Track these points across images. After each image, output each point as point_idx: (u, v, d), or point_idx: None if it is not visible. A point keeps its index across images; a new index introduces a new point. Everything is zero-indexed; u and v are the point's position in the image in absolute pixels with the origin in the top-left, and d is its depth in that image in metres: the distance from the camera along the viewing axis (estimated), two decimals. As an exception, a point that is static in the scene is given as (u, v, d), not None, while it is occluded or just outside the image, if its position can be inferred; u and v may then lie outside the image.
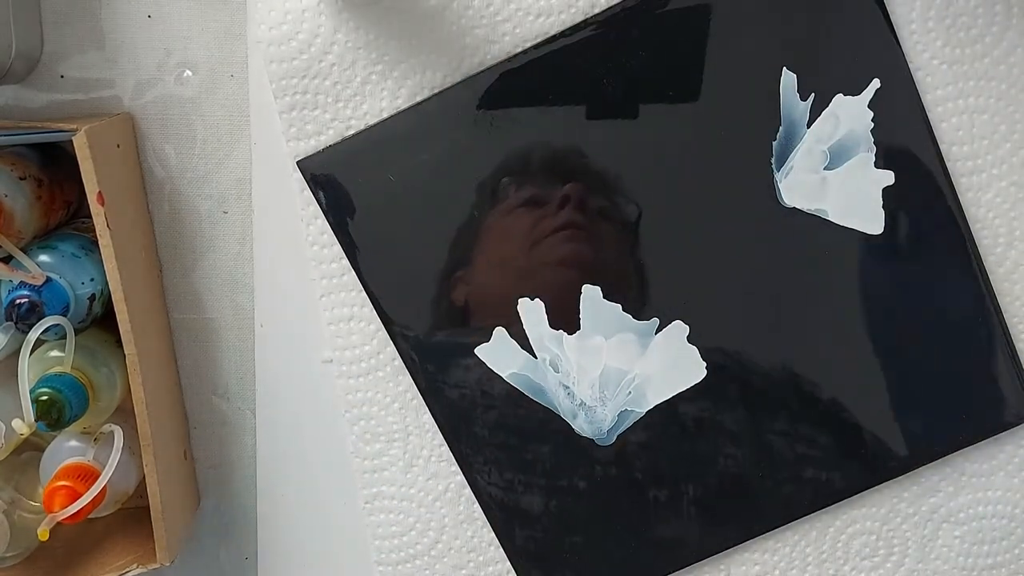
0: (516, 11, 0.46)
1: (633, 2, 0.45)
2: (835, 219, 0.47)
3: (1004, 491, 0.50)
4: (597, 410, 0.49)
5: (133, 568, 0.46)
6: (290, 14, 0.46)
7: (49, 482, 0.45)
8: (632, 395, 0.49)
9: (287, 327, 0.51)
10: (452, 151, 0.47)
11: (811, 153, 0.46)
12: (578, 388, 0.49)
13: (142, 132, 0.50)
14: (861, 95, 0.46)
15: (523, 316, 0.48)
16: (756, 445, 0.49)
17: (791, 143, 0.46)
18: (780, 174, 0.47)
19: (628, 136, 0.46)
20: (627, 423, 0.49)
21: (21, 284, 0.44)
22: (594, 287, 0.48)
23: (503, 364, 0.49)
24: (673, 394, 0.49)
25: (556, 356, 0.48)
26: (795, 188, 0.47)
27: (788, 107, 0.46)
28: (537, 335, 0.48)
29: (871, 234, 0.47)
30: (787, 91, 0.46)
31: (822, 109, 0.46)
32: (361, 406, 0.50)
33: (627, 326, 0.48)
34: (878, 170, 0.47)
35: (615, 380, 0.49)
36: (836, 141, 0.46)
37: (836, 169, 0.47)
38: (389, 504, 0.51)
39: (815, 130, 0.46)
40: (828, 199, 0.47)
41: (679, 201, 0.47)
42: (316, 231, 0.49)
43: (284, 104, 0.47)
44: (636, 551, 0.51)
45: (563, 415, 0.49)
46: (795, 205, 0.47)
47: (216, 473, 0.54)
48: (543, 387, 0.49)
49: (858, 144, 0.46)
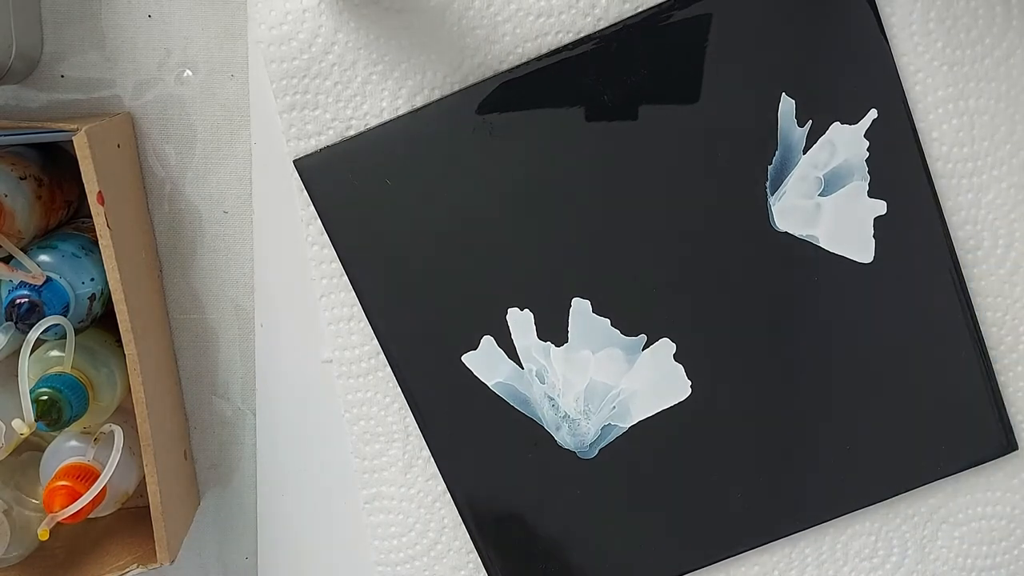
0: (516, 11, 0.46)
1: (636, 19, 0.45)
2: (826, 245, 0.47)
3: (1004, 492, 0.50)
4: (581, 423, 0.49)
5: (133, 568, 0.46)
6: (290, 14, 0.46)
7: (49, 482, 0.45)
8: (616, 410, 0.49)
9: (287, 327, 0.51)
10: (450, 158, 0.47)
11: (806, 179, 0.47)
12: (563, 400, 0.49)
13: (142, 132, 0.50)
14: (858, 124, 0.46)
15: (512, 326, 0.48)
16: (737, 465, 0.49)
17: (786, 168, 0.47)
18: (774, 198, 0.47)
19: (626, 151, 0.46)
20: (610, 437, 0.49)
21: (21, 284, 0.44)
22: (584, 300, 0.48)
23: (489, 372, 0.49)
24: (657, 411, 0.49)
25: (543, 367, 0.48)
26: (788, 213, 0.47)
27: (785, 132, 0.46)
28: (525, 345, 0.48)
29: (860, 262, 0.47)
30: (785, 117, 0.46)
31: (819, 136, 0.46)
32: (361, 406, 0.50)
33: (615, 341, 0.48)
34: (871, 199, 0.47)
35: (600, 394, 0.49)
36: (831, 169, 0.47)
37: (829, 196, 0.47)
38: (388, 504, 0.51)
39: (811, 156, 0.46)
40: (820, 225, 0.47)
41: (673, 219, 0.47)
42: (316, 231, 0.49)
43: (284, 104, 0.47)
44: (614, 565, 0.50)
45: (547, 427, 0.49)
46: (787, 229, 0.47)
47: (216, 473, 0.54)
48: (528, 398, 0.49)
49: (852, 172, 0.47)
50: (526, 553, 0.50)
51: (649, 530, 0.50)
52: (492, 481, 0.50)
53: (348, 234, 0.48)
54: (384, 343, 0.49)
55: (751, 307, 0.48)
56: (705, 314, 0.48)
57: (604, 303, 0.48)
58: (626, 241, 0.47)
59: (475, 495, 0.50)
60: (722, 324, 0.48)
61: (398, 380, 0.49)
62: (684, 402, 0.49)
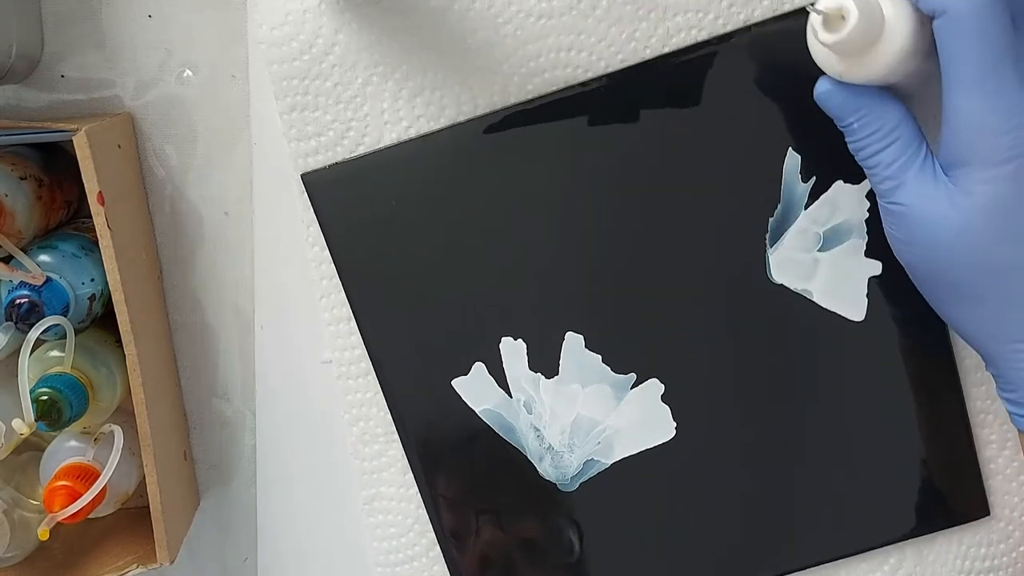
0: (517, 13, 0.46)
1: (652, 61, 0.46)
2: (819, 301, 0.48)
3: (1002, 495, 0.51)
4: (564, 456, 0.49)
5: (133, 568, 0.46)
6: (291, 15, 0.46)
7: (49, 482, 0.45)
8: (600, 445, 0.49)
9: (287, 328, 0.51)
10: (457, 185, 0.47)
11: (805, 234, 0.47)
12: (548, 432, 0.49)
13: (143, 132, 0.50)
14: (860, 184, 0.47)
15: (504, 355, 0.48)
16: (716, 510, 0.49)
17: (787, 221, 0.47)
18: (772, 250, 0.47)
19: (631, 192, 0.47)
20: (591, 472, 0.49)
21: (21, 284, 0.44)
22: (578, 335, 0.48)
23: (478, 399, 0.49)
24: (640, 450, 0.49)
25: (531, 398, 0.49)
26: (784, 265, 0.47)
27: (789, 187, 0.47)
28: (515, 375, 0.48)
29: (852, 320, 0.48)
30: (790, 171, 0.46)
31: (821, 193, 0.47)
32: (360, 407, 0.50)
33: (605, 377, 0.48)
34: (867, 259, 0.47)
35: (586, 429, 0.49)
36: (831, 226, 0.47)
37: (826, 252, 0.47)
38: (388, 505, 0.51)
39: (811, 212, 0.47)
40: (815, 281, 0.47)
41: (672, 262, 0.47)
42: (316, 232, 0.49)
43: (285, 105, 0.47)
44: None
45: (530, 456, 0.49)
46: (783, 282, 0.47)
47: (216, 473, 0.54)
48: (514, 426, 0.49)
49: (851, 231, 0.47)
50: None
51: (624, 567, 0.50)
52: (470, 503, 0.50)
53: (349, 250, 0.48)
54: (375, 359, 0.49)
55: (742, 356, 0.48)
56: (696, 358, 0.48)
57: (597, 339, 0.48)
58: (624, 279, 0.48)
59: (451, 514, 0.50)
60: (712, 370, 0.48)
61: (386, 397, 0.49)
62: (668, 443, 0.49)
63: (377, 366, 0.49)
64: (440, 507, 0.50)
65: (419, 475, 0.50)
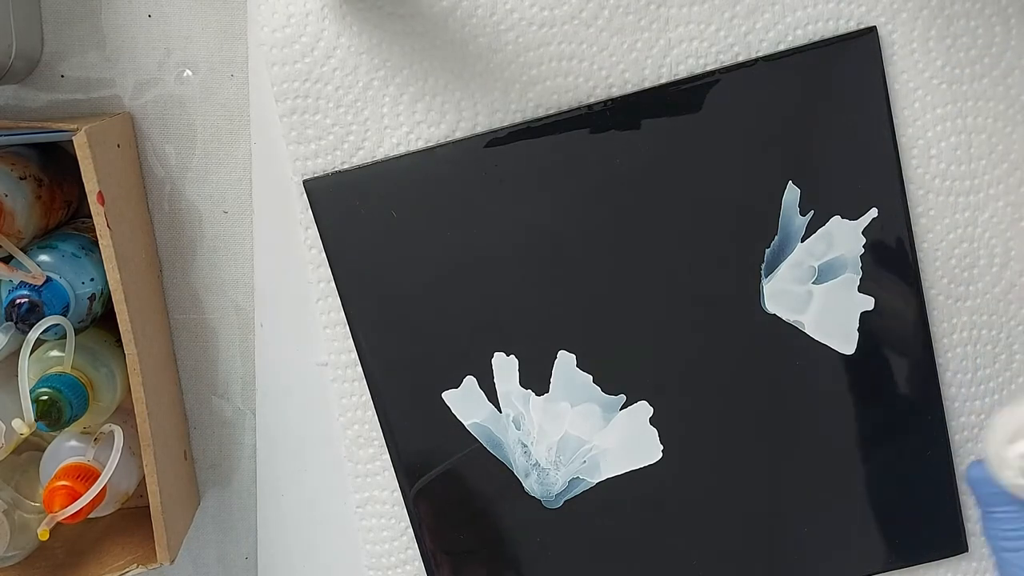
0: (519, 20, 0.46)
1: (656, 87, 0.46)
2: (811, 333, 0.48)
3: (980, 533, 0.51)
4: (550, 473, 0.50)
5: (133, 568, 0.47)
6: (293, 17, 0.46)
7: (49, 482, 0.45)
8: (586, 464, 0.50)
9: (287, 327, 0.52)
10: (458, 200, 0.47)
11: (800, 266, 0.48)
12: (535, 448, 0.49)
13: (142, 132, 0.50)
14: (857, 220, 0.47)
15: (496, 370, 0.49)
16: (698, 533, 0.50)
17: (783, 253, 0.48)
18: (766, 280, 0.48)
19: (630, 216, 0.47)
20: (576, 490, 0.50)
21: (21, 284, 0.43)
22: (570, 354, 0.48)
23: (467, 412, 0.49)
24: (626, 470, 0.50)
25: (520, 414, 0.49)
26: (778, 297, 0.48)
27: (787, 219, 0.47)
28: (506, 391, 0.49)
29: (843, 353, 0.48)
30: (788, 204, 0.47)
31: (818, 227, 0.47)
32: (355, 410, 0.51)
33: (594, 397, 0.49)
34: (860, 294, 0.48)
35: (572, 447, 0.49)
36: (826, 260, 0.48)
37: (821, 285, 0.48)
38: (381, 509, 0.52)
39: (807, 246, 0.47)
40: (808, 313, 0.48)
41: (667, 287, 0.48)
42: (314, 234, 0.49)
43: (285, 108, 0.47)
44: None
45: (516, 472, 0.50)
46: (776, 312, 0.48)
47: (216, 473, 0.54)
48: (502, 441, 0.49)
49: (846, 266, 0.48)
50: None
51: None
52: (456, 519, 0.50)
53: (347, 258, 0.48)
54: (367, 367, 0.49)
55: (731, 383, 0.49)
56: (686, 383, 0.49)
57: (589, 359, 0.48)
58: (618, 301, 0.48)
59: (435, 528, 0.50)
60: (701, 395, 0.49)
61: (375, 405, 0.49)
62: (653, 466, 0.49)
63: (368, 375, 0.49)
64: (423, 523, 0.50)
65: (404, 488, 0.50)
